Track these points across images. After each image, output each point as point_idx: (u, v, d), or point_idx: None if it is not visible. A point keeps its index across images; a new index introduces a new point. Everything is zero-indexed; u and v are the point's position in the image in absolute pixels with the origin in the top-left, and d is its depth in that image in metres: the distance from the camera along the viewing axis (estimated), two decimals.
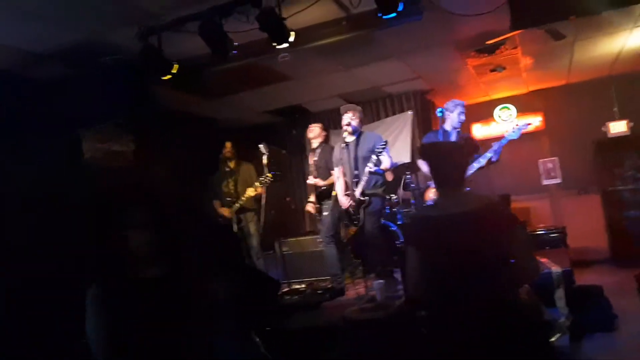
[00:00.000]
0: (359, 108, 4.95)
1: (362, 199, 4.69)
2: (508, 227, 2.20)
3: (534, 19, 3.73)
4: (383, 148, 4.54)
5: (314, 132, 5.68)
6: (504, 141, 4.60)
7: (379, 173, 4.72)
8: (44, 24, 3.78)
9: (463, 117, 4.91)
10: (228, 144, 5.85)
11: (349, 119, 4.75)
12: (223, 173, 5.81)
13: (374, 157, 4.55)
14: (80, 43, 4.11)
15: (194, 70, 4.72)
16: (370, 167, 4.56)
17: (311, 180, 5.54)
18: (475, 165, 4.62)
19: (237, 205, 5.59)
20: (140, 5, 3.70)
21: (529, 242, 2.60)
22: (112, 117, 4.69)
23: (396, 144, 6.91)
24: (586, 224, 7.31)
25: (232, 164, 5.84)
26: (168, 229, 1.98)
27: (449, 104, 4.92)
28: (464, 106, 4.94)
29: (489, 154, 4.58)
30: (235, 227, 5.58)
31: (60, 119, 4.73)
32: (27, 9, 3.53)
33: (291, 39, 3.80)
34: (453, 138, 4.87)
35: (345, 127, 4.74)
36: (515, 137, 4.61)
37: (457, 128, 4.91)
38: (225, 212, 5.75)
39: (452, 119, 4.89)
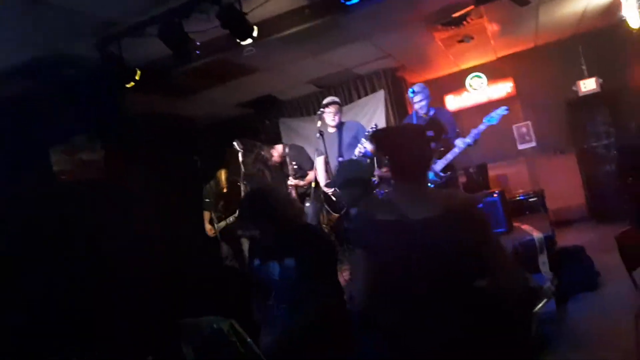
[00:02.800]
0: (339, 101, 5.01)
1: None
2: (480, 236, 1.79)
3: None
4: (374, 130, 4.58)
5: (277, 155, 5.60)
6: (482, 127, 4.52)
7: (367, 155, 4.75)
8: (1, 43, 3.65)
9: (419, 105, 4.73)
10: (223, 174, 5.73)
11: (334, 114, 4.88)
12: (215, 188, 5.72)
13: (363, 139, 4.57)
14: (40, 58, 3.98)
15: (160, 72, 4.62)
16: (360, 149, 4.59)
17: (292, 181, 5.50)
18: (456, 151, 4.58)
19: (222, 223, 5.51)
20: (95, 14, 3.58)
21: (504, 250, 2.04)
22: (80, 129, 4.59)
23: (371, 124, 6.88)
24: (564, 184, 7.46)
25: (224, 188, 5.72)
26: None
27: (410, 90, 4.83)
28: (421, 92, 4.72)
29: (468, 140, 4.50)
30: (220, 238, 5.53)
31: (26, 136, 4.62)
32: None
33: (254, 33, 3.72)
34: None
35: (330, 122, 4.91)
36: (495, 123, 4.51)
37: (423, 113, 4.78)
38: (208, 228, 5.67)
39: (415, 105, 4.80)
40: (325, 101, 4.95)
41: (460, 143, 4.53)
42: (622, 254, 3.09)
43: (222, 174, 5.71)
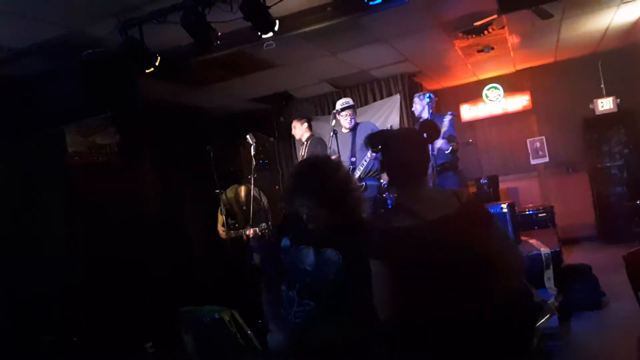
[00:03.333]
0: (354, 104, 5.05)
1: (359, 184, 4.73)
2: (488, 225, 1.80)
3: (521, 2, 3.68)
4: None
5: (299, 131, 5.51)
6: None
7: (379, 159, 4.74)
8: (21, 21, 3.68)
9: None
10: (243, 190, 5.62)
11: (350, 117, 4.91)
12: (235, 204, 5.60)
13: None
14: (60, 38, 4.01)
15: (179, 61, 4.64)
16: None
17: None
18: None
19: (233, 232, 5.44)
20: None
21: (506, 233, 2.14)
22: (97, 111, 4.62)
23: (386, 127, 6.88)
24: (574, 202, 7.41)
25: (244, 205, 5.63)
26: None
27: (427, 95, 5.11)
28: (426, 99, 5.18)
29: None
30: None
31: (42, 115, 4.67)
32: (3, 7, 3.43)
33: (276, 27, 3.72)
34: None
35: (345, 124, 4.94)
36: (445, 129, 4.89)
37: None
38: (221, 231, 5.56)
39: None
40: (340, 105, 4.92)
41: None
42: (629, 274, 3.06)
43: (242, 190, 5.65)
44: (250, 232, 5.15)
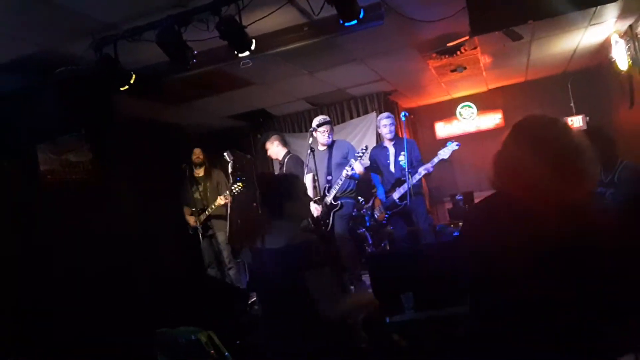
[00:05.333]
0: (330, 120, 5.12)
1: (334, 203, 4.75)
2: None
3: (492, 24, 3.77)
4: (363, 152, 4.66)
5: (274, 150, 5.57)
6: (436, 160, 4.97)
7: (355, 177, 4.82)
8: None
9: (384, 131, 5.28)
10: (197, 150, 5.73)
11: (327, 133, 4.97)
12: (190, 180, 5.70)
13: (353, 160, 4.66)
14: (34, 55, 3.95)
15: (154, 78, 4.61)
16: (348, 170, 4.65)
17: None
18: (416, 177, 4.95)
19: (205, 213, 5.50)
20: (94, 16, 3.58)
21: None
22: (70, 129, 4.55)
23: (362, 144, 6.94)
24: None
25: (200, 171, 5.73)
26: None
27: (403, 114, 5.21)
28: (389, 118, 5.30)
29: (423, 171, 4.94)
30: (201, 237, 5.48)
31: (14, 133, 4.57)
32: None
33: (252, 47, 3.74)
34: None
35: (322, 141, 4.99)
36: (445, 157, 4.97)
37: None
38: (191, 220, 5.64)
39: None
40: (317, 121, 4.98)
41: (419, 173, 4.93)
42: None
43: (197, 151, 5.70)
44: (220, 199, 5.22)
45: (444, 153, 4.93)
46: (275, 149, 5.53)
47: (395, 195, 5.04)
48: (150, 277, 5.68)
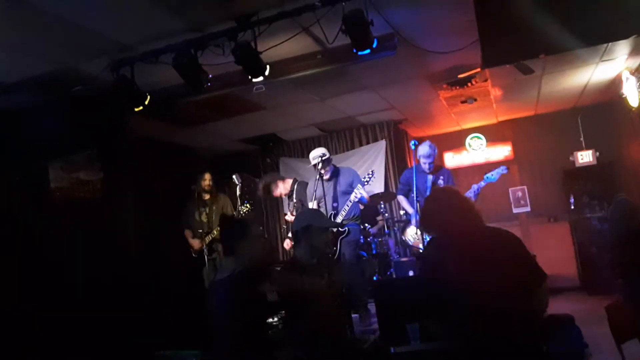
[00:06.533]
0: (324, 155, 4.92)
1: (340, 229, 4.72)
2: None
3: (504, 57, 3.81)
4: (370, 177, 4.65)
5: (281, 189, 5.63)
6: (483, 183, 4.90)
7: (362, 202, 4.79)
8: (14, 54, 3.71)
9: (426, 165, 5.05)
10: (207, 175, 5.75)
11: (325, 169, 4.87)
12: (198, 202, 5.71)
13: (359, 185, 4.63)
14: (52, 73, 4.02)
15: (168, 100, 4.67)
16: (356, 195, 4.62)
17: (289, 217, 5.53)
18: None
19: (210, 236, 5.49)
20: (113, 37, 3.66)
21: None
22: (82, 147, 4.60)
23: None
24: (556, 252, 7.45)
25: (208, 195, 5.75)
26: None
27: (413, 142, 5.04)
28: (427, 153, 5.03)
29: (469, 194, 4.80)
30: (206, 259, 5.46)
31: (27, 149, 4.62)
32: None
33: (266, 72, 3.80)
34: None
35: (323, 173, 4.87)
36: (494, 180, 4.89)
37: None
38: (195, 243, 5.63)
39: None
40: (312, 159, 4.92)
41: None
42: (611, 327, 3.06)
43: (207, 176, 5.72)
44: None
45: (492, 177, 4.92)
46: (281, 187, 5.59)
47: None
48: (153, 298, 5.65)
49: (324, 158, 4.85)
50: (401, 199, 5.28)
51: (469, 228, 2.30)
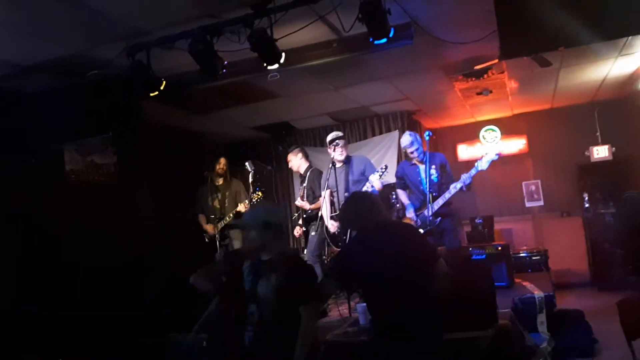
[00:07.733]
0: (342, 136, 5.08)
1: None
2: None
3: (522, 49, 3.75)
4: (383, 172, 4.64)
5: (296, 163, 5.63)
6: (473, 171, 4.78)
7: (374, 193, 4.79)
8: (31, 38, 3.73)
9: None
10: (222, 160, 5.79)
11: (340, 149, 4.91)
12: (211, 188, 5.75)
13: (372, 176, 4.63)
14: (67, 57, 4.05)
15: (183, 86, 4.69)
16: (368, 186, 4.63)
17: (299, 202, 5.54)
18: (447, 196, 4.81)
19: (223, 222, 5.53)
20: (129, 22, 3.67)
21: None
22: (97, 131, 4.64)
23: (382, 163, 6.93)
24: (568, 247, 7.40)
25: (221, 180, 5.79)
26: None
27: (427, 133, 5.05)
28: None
29: (458, 185, 4.76)
30: (218, 245, 5.51)
31: (44, 131, 4.68)
32: (15, 24, 3.49)
33: (282, 60, 3.79)
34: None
35: (338, 157, 4.92)
36: (484, 168, 4.80)
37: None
38: (209, 228, 5.68)
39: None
40: (330, 138, 4.96)
41: (453, 188, 4.75)
42: (622, 323, 3.04)
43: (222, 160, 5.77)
44: (240, 207, 5.25)
45: (482, 164, 4.79)
46: (298, 162, 5.56)
47: (428, 212, 4.74)
48: (164, 282, 5.71)
49: (338, 136, 4.96)
50: (400, 192, 5.32)
51: (376, 224, 2.86)
